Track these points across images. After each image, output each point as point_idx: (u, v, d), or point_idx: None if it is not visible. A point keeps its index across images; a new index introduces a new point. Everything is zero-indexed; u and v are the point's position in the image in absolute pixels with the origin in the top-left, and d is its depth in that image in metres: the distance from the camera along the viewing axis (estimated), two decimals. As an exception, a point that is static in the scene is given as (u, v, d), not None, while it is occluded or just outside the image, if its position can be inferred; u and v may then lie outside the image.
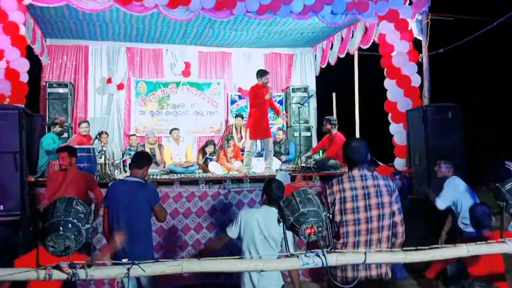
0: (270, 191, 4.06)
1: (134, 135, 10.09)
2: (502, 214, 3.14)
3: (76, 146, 6.90)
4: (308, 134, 11.02)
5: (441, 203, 5.64)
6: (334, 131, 8.64)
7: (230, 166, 9.24)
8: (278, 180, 4.39)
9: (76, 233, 2.47)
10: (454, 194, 5.62)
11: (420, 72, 8.00)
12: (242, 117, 10.34)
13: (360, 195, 3.45)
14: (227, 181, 7.26)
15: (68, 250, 2.47)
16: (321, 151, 9.08)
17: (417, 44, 8.12)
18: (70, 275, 2.48)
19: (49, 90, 9.85)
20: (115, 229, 4.48)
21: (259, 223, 3.97)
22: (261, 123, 8.30)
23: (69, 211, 2.51)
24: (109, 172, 7.65)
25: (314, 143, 11.21)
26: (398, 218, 3.54)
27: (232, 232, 4.10)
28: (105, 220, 4.58)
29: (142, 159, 4.81)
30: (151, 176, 7.71)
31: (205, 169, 9.21)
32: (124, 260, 2.60)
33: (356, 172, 3.53)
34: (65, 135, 9.00)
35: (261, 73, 8.41)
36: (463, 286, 1.82)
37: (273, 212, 3.76)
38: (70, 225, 2.46)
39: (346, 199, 3.45)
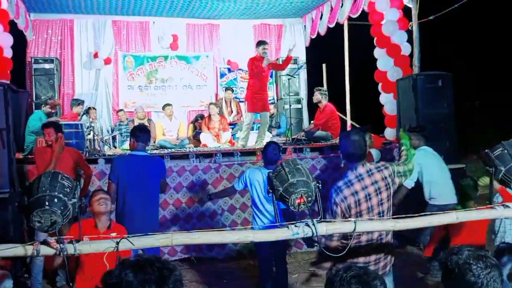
0: (266, 153, 4.84)
1: (121, 110, 9.97)
2: (491, 179, 3.15)
3: (64, 122, 6.82)
4: (299, 106, 10.96)
5: (409, 182, 5.39)
6: (325, 101, 8.60)
7: (215, 133, 9.14)
8: (275, 143, 5.03)
9: (62, 207, 2.43)
10: (419, 166, 5.41)
11: (410, 40, 7.94)
12: (232, 90, 10.25)
13: (372, 192, 3.23)
14: (218, 155, 7.24)
15: (55, 225, 2.43)
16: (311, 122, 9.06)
17: (407, 11, 8.02)
18: (58, 250, 2.46)
19: (34, 66, 9.67)
20: (125, 203, 4.50)
21: (258, 182, 4.76)
22: (260, 95, 8.08)
23: (55, 185, 2.46)
24: (98, 148, 7.59)
25: (305, 115, 11.19)
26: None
27: (238, 185, 4.96)
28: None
29: (147, 134, 4.86)
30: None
31: (196, 143, 9.16)
32: (113, 234, 2.59)
33: (361, 170, 3.27)
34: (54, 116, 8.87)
35: (258, 43, 8.25)
36: (452, 252, 1.81)
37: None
38: (56, 200, 2.42)
39: (360, 201, 3.20)
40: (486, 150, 3.17)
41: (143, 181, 4.50)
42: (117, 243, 2.49)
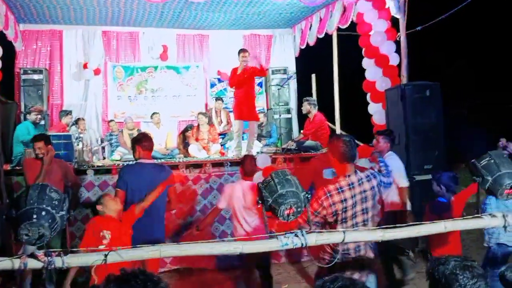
0: (244, 165, 5.11)
1: (112, 120, 9.95)
2: (478, 189, 3.18)
3: (52, 134, 6.78)
4: (289, 116, 11.00)
5: (404, 181, 5.47)
6: (314, 111, 8.64)
7: (204, 144, 9.14)
8: (251, 155, 5.22)
9: (50, 220, 2.42)
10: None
11: (398, 51, 8.02)
12: (222, 101, 10.27)
13: (359, 200, 3.31)
14: (208, 165, 7.23)
15: (43, 238, 2.42)
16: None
17: (395, 22, 8.11)
18: (46, 263, 2.44)
19: (23, 76, 9.60)
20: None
21: (238, 196, 4.90)
22: (244, 103, 8.05)
23: (43, 198, 2.45)
24: (87, 159, 7.55)
25: (295, 125, 11.23)
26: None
27: (221, 204, 5.06)
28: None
29: (152, 141, 4.86)
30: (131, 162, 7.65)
31: (185, 154, 9.15)
32: (102, 247, 2.58)
33: (354, 178, 3.32)
34: (42, 122, 8.83)
35: (238, 52, 8.27)
36: (438, 262, 1.82)
37: (247, 183, 4.94)
38: (43, 213, 2.42)
39: (347, 209, 3.27)
40: (473, 160, 3.21)
41: (151, 190, 4.48)
42: (106, 255, 2.48)
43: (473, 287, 1.73)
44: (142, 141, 4.75)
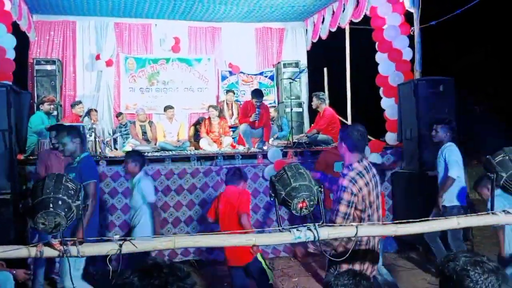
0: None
1: (121, 113, 9.99)
2: (493, 185, 3.16)
3: (66, 124, 6.83)
4: (300, 109, 10.98)
5: (455, 173, 5.35)
6: (324, 106, 8.62)
7: (216, 137, 9.15)
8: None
9: (66, 210, 2.44)
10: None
11: (411, 45, 7.95)
12: (234, 93, 10.28)
13: (374, 184, 3.35)
14: (219, 158, 7.25)
15: (58, 227, 2.44)
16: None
17: (409, 16, 8.04)
18: (61, 252, 2.47)
19: (36, 67, 9.68)
20: None
21: None
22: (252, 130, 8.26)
23: (59, 187, 2.47)
24: (100, 150, 7.60)
25: (306, 118, 11.21)
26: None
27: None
28: None
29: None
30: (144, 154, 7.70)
31: (197, 146, 9.17)
32: (116, 236, 2.60)
33: (366, 162, 3.39)
34: (55, 113, 8.89)
35: (253, 94, 8.31)
36: (448, 258, 1.81)
37: None
38: (60, 202, 2.43)
39: (370, 192, 3.30)
40: (488, 156, 3.18)
41: None
42: (120, 245, 2.50)
43: (485, 282, 1.72)
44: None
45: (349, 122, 10.17)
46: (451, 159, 5.35)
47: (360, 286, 2.15)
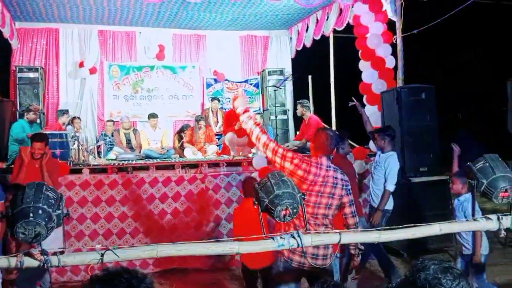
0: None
1: (111, 120, 9.90)
2: (473, 191, 3.20)
3: (48, 132, 6.77)
4: (285, 117, 11.01)
5: (392, 185, 5.45)
6: (308, 114, 8.66)
7: (200, 146, 9.10)
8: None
9: (46, 219, 2.42)
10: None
11: (394, 53, 8.05)
12: (219, 100, 10.27)
13: (330, 182, 3.42)
14: (204, 166, 7.23)
15: (39, 237, 2.42)
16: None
17: (391, 25, 8.14)
18: (42, 262, 2.44)
19: (19, 74, 9.56)
20: None
21: None
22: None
23: (39, 197, 2.45)
24: (83, 158, 7.53)
25: (291, 126, 11.24)
26: (348, 209, 3.53)
27: None
28: None
29: None
30: (126, 162, 7.65)
31: (181, 153, 9.13)
32: (98, 246, 2.58)
33: (324, 161, 3.48)
34: (38, 121, 8.79)
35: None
36: (417, 268, 1.81)
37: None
38: (40, 211, 2.41)
39: (315, 183, 3.40)
40: (469, 163, 3.23)
41: None
42: (102, 255, 2.49)
43: (457, 287, 1.73)
44: None
45: (333, 129, 10.22)
46: (392, 171, 5.43)
47: None
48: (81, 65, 10.26)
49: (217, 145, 9.27)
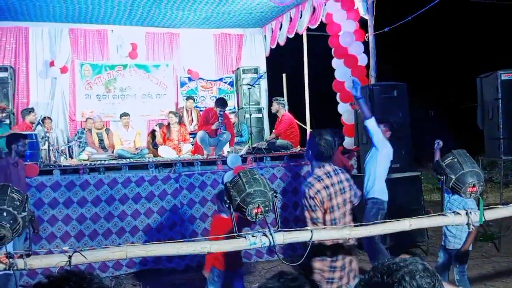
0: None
1: (90, 118, 9.73)
2: (442, 187, 3.25)
3: (18, 132, 6.62)
4: (260, 115, 11.02)
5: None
6: (283, 111, 8.69)
7: (175, 145, 9.04)
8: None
9: (11, 221, 2.36)
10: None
11: (366, 51, 8.13)
12: (194, 99, 10.21)
13: (338, 191, 3.32)
14: (178, 165, 7.18)
15: (3, 240, 2.35)
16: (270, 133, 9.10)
17: (363, 23, 8.22)
18: (7, 265, 2.38)
19: (-13, 74, 9.35)
20: None
21: None
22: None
23: (4, 198, 2.39)
24: (54, 159, 7.40)
25: (266, 124, 11.26)
26: (356, 202, 3.54)
27: None
28: None
29: None
30: (98, 162, 7.55)
31: (155, 153, 9.06)
32: (65, 247, 2.53)
33: (328, 168, 3.36)
34: (7, 121, 8.60)
35: (217, 103, 8.23)
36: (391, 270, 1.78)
37: None
38: (5, 213, 2.35)
39: (331, 196, 3.27)
40: (437, 159, 3.28)
41: None
42: (70, 257, 2.44)
43: (437, 283, 1.73)
44: None
45: (307, 126, 10.28)
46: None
47: None
48: (52, 64, 10.06)
49: (192, 144, 9.23)
